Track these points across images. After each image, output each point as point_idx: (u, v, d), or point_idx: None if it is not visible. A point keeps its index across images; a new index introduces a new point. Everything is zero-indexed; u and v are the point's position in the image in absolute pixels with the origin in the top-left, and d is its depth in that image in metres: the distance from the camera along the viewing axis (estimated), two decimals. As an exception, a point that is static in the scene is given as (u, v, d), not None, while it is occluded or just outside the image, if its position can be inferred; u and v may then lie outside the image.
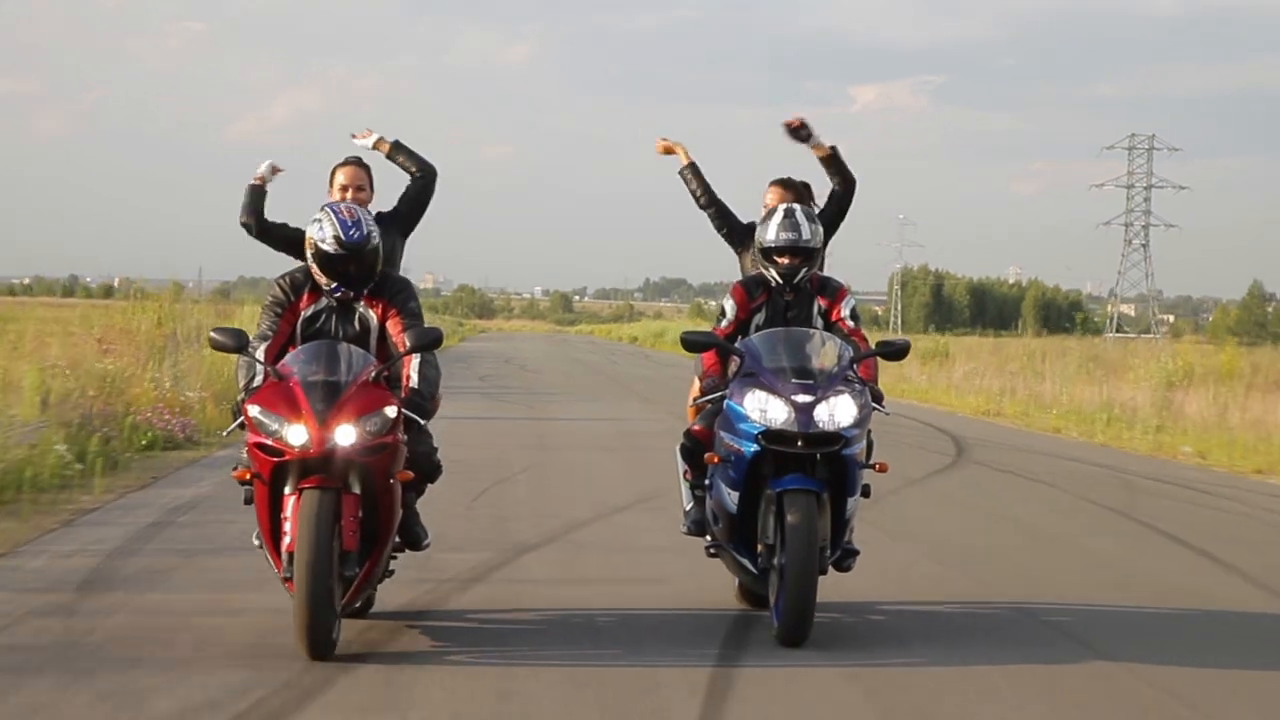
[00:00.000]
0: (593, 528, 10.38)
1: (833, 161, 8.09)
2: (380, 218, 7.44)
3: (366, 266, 6.90)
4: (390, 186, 7.77)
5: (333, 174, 7.61)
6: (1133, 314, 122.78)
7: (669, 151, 8.39)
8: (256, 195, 7.67)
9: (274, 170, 7.72)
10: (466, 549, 9.07)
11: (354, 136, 7.89)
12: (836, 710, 6.03)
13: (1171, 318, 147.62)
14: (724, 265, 7.40)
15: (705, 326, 35.36)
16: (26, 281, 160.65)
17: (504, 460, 14.27)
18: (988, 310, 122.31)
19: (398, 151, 7.84)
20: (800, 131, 8.08)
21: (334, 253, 6.82)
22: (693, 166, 8.27)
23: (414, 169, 7.81)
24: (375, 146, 7.85)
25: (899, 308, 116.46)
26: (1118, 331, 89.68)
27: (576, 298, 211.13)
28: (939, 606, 8.09)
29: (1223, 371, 25.32)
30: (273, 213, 7.63)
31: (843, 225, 8.18)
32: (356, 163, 7.66)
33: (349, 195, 7.45)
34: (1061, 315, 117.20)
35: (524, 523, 10.44)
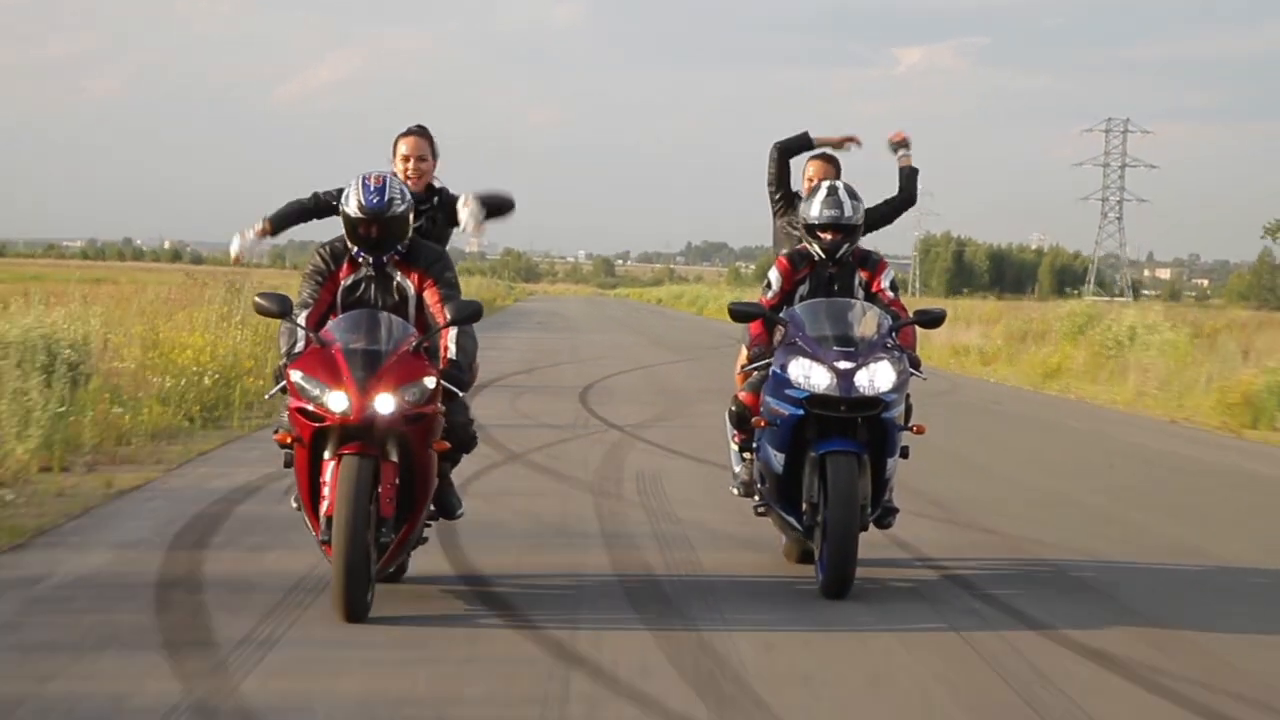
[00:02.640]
0: (590, 360, 29.11)
1: (912, 176, 9.15)
2: (442, 194, 7.83)
3: (388, 232, 7.15)
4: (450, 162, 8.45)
5: (396, 142, 7.88)
6: (1168, 278, 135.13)
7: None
8: (287, 215, 7.82)
9: (251, 237, 7.78)
10: (544, 361, 27.84)
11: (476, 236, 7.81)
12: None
13: (1206, 282, 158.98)
14: (764, 230, 9.47)
15: (741, 294, 46.49)
16: (79, 244, 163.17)
17: (556, 350, 33.02)
18: (1006, 275, 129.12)
19: (484, 212, 7.90)
20: (902, 145, 9.21)
21: (354, 216, 7.13)
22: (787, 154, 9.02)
23: (482, 217, 7.88)
24: (474, 232, 7.81)
25: (918, 273, 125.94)
26: (1094, 295, 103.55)
27: (619, 262, 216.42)
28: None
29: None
30: (313, 182, 7.97)
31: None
32: (419, 132, 7.89)
33: (410, 165, 7.77)
34: (1077, 280, 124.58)
35: (563, 358, 29.33)
